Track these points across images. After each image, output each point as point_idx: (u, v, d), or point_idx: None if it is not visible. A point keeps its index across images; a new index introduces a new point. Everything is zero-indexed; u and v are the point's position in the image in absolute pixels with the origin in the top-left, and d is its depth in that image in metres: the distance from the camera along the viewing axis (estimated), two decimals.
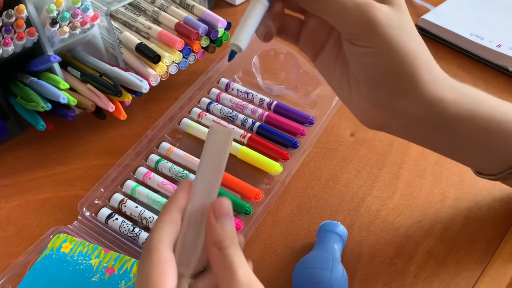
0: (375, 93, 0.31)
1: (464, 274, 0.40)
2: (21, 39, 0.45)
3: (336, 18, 0.29)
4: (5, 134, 0.50)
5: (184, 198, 0.29)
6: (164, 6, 0.55)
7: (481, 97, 0.33)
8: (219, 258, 0.27)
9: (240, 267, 0.26)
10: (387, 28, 0.29)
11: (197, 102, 0.53)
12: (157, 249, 0.27)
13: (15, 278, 0.39)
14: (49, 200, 0.47)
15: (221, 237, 0.27)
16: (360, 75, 0.31)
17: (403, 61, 0.29)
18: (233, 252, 0.27)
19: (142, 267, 0.27)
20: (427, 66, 0.30)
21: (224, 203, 0.28)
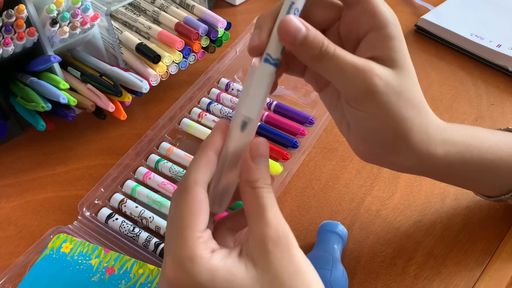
0: (369, 148, 0.32)
1: (464, 274, 0.40)
2: (21, 39, 0.45)
3: (336, 81, 0.29)
4: (5, 134, 0.50)
5: (220, 139, 0.29)
6: (164, 6, 0.55)
7: (474, 142, 0.34)
8: (251, 197, 0.27)
9: (270, 208, 0.27)
10: (384, 96, 0.29)
11: (197, 102, 0.53)
12: (192, 189, 0.27)
13: (15, 278, 0.39)
14: (49, 200, 0.47)
15: (256, 177, 0.28)
16: (356, 131, 0.32)
17: (397, 127, 0.30)
18: (265, 193, 0.27)
19: (176, 205, 0.28)
20: (420, 128, 0.31)
21: (262, 143, 0.28)
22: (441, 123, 0.33)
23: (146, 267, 0.38)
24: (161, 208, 0.43)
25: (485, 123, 0.52)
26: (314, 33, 0.28)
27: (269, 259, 0.26)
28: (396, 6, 0.69)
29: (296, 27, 0.28)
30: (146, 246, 0.41)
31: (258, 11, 0.68)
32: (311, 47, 0.28)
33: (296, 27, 0.28)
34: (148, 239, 0.41)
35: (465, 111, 0.54)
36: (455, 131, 0.33)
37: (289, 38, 0.28)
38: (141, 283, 0.38)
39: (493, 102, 0.55)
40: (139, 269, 0.38)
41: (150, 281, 0.38)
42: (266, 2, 0.70)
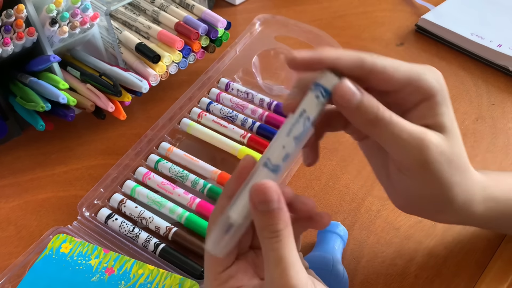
0: (411, 205, 0.33)
1: (465, 274, 0.39)
2: (21, 39, 0.45)
3: (390, 147, 0.29)
4: (5, 134, 0.50)
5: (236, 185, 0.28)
6: (164, 5, 0.55)
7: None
8: (266, 247, 0.26)
9: (291, 266, 0.26)
10: (438, 165, 0.29)
11: (197, 102, 0.53)
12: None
13: (14, 278, 0.39)
14: (49, 200, 0.47)
15: (263, 224, 0.27)
16: (400, 191, 0.32)
17: (446, 193, 0.30)
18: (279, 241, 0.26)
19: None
20: (466, 191, 0.31)
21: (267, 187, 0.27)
22: (482, 180, 0.33)
23: (145, 267, 0.38)
24: (160, 208, 0.43)
25: (485, 123, 0.52)
26: (369, 98, 0.27)
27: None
28: (396, 5, 0.69)
29: (351, 91, 0.27)
30: (145, 247, 0.40)
31: (258, 11, 0.68)
32: (367, 111, 0.27)
33: (351, 91, 0.27)
34: (147, 239, 0.41)
35: (465, 111, 0.54)
36: (495, 186, 0.34)
37: (343, 101, 0.27)
38: (141, 283, 0.37)
39: (493, 102, 0.54)
40: (138, 269, 0.38)
41: (149, 281, 0.37)
42: (266, 2, 0.70)
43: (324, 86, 0.27)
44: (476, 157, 0.48)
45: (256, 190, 0.26)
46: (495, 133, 0.51)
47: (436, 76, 0.30)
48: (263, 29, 0.57)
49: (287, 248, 0.26)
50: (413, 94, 0.29)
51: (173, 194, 0.44)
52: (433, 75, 0.30)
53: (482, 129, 0.51)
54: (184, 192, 0.44)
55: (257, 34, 0.57)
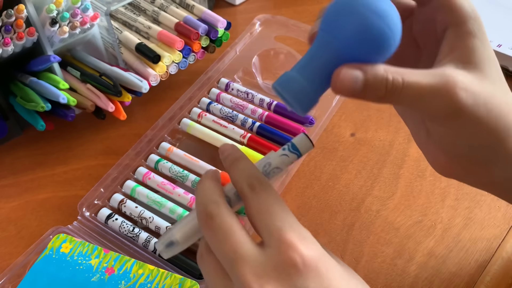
0: (455, 161, 0.29)
1: (465, 274, 0.40)
2: (21, 39, 0.45)
3: (416, 108, 0.26)
4: (5, 134, 0.50)
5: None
6: (164, 6, 0.55)
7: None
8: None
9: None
10: (475, 108, 0.25)
11: (197, 102, 0.53)
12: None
13: (14, 278, 0.39)
14: (49, 200, 0.47)
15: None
16: (441, 145, 0.29)
17: (491, 139, 0.27)
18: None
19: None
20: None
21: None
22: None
23: (146, 267, 0.38)
24: (160, 208, 0.43)
25: None
26: (373, 74, 0.24)
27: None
28: None
29: (351, 78, 0.24)
30: (146, 247, 0.40)
31: (258, 11, 0.68)
32: (375, 90, 0.24)
33: (351, 77, 0.24)
34: (148, 239, 0.41)
35: None
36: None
37: (347, 91, 0.24)
38: (141, 283, 0.37)
39: None
40: (139, 269, 0.38)
41: (149, 281, 0.38)
42: (266, 2, 0.70)
43: (293, 143, 0.29)
44: None
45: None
46: None
47: (471, 5, 0.26)
48: (263, 29, 0.57)
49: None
50: (442, 11, 0.26)
51: (173, 194, 0.44)
52: (467, 2, 0.26)
53: None
54: (184, 192, 0.44)
55: (257, 34, 0.57)
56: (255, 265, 0.25)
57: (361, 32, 0.24)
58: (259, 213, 0.26)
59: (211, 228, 0.26)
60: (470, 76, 0.26)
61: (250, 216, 0.26)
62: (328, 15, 0.25)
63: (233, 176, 0.28)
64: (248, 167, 0.28)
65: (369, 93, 0.25)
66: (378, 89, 0.25)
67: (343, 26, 0.24)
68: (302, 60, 0.26)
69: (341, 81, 0.24)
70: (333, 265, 0.26)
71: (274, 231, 0.25)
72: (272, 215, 0.26)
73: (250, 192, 0.26)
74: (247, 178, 0.27)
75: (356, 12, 0.24)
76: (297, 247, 0.25)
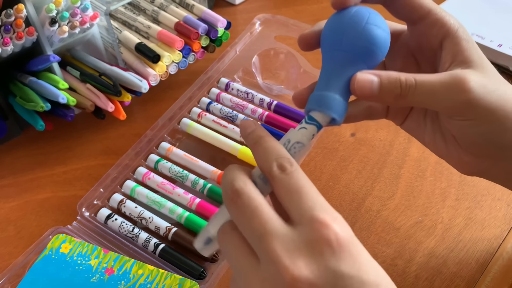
0: (479, 151, 0.31)
1: (465, 274, 0.39)
2: (20, 39, 0.44)
3: (431, 105, 0.29)
4: (4, 134, 0.50)
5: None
6: (164, 5, 0.55)
7: None
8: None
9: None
10: (485, 98, 0.28)
11: (197, 102, 0.53)
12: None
13: (14, 278, 0.39)
14: (48, 200, 0.47)
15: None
16: (463, 141, 0.31)
17: (504, 124, 0.29)
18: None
19: None
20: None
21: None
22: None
23: (145, 267, 0.38)
24: (160, 209, 0.43)
25: None
26: (387, 76, 0.28)
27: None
28: None
29: (367, 80, 0.28)
30: (145, 247, 0.40)
31: (258, 11, 0.68)
32: (391, 90, 0.28)
33: (367, 80, 0.28)
34: (147, 239, 0.40)
35: None
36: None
37: (365, 94, 0.28)
38: (141, 283, 0.37)
39: None
40: (138, 269, 0.38)
41: (149, 281, 0.37)
42: (266, 2, 0.70)
43: (310, 115, 0.30)
44: None
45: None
46: None
47: (453, 17, 0.31)
48: (263, 29, 0.57)
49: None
50: (436, 26, 0.30)
51: (173, 194, 0.44)
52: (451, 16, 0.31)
53: None
54: (184, 192, 0.43)
55: (257, 34, 0.57)
56: (285, 240, 0.24)
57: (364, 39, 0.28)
58: (290, 194, 0.25)
59: (238, 205, 0.25)
60: (476, 72, 0.29)
61: (279, 197, 0.26)
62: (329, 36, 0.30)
63: (259, 155, 0.27)
64: (275, 147, 0.27)
65: (386, 93, 0.28)
66: (394, 88, 0.28)
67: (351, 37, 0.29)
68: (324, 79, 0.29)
69: (359, 85, 0.28)
70: (363, 250, 0.26)
71: (306, 210, 0.25)
72: (303, 196, 0.25)
73: (280, 173, 0.26)
74: (276, 158, 0.26)
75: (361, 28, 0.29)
76: (331, 225, 0.24)
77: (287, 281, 0.23)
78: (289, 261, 0.23)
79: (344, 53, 0.29)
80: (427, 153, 0.48)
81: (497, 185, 0.45)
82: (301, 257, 0.23)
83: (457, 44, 0.30)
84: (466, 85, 0.28)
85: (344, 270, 0.23)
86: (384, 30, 0.29)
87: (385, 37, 0.29)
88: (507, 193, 0.45)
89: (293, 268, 0.23)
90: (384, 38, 0.29)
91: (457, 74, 0.28)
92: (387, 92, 0.28)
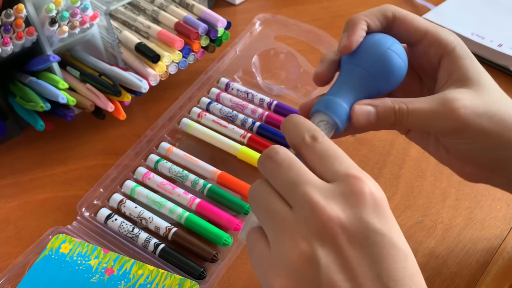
0: (478, 165, 0.33)
1: (465, 274, 0.39)
2: (20, 39, 0.44)
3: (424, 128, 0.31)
4: (4, 134, 0.50)
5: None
6: (164, 5, 0.55)
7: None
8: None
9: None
10: (475, 121, 0.30)
11: (196, 102, 0.53)
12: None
13: (14, 278, 0.39)
14: (48, 200, 0.47)
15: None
16: (459, 155, 0.33)
17: (497, 141, 0.31)
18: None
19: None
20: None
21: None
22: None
23: (145, 267, 0.38)
24: (160, 209, 0.43)
25: None
26: (382, 106, 0.30)
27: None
28: (397, 5, 0.68)
29: (365, 112, 0.30)
30: (145, 247, 0.40)
31: (258, 11, 0.68)
32: (387, 119, 0.30)
33: (365, 111, 0.30)
34: (147, 239, 0.40)
35: None
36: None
37: (363, 123, 0.30)
38: (141, 283, 0.37)
39: None
40: (138, 269, 0.38)
41: (149, 282, 0.37)
42: (266, 2, 0.70)
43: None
44: None
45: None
46: None
47: (453, 34, 0.32)
48: (263, 28, 0.57)
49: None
50: (433, 46, 0.32)
51: (173, 194, 0.44)
52: (450, 34, 0.32)
53: None
54: (184, 192, 0.43)
55: (257, 33, 0.57)
56: (321, 188, 0.25)
57: (386, 66, 0.31)
58: (323, 158, 0.26)
59: (275, 159, 0.26)
60: (469, 92, 0.30)
61: (312, 164, 0.26)
62: (361, 55, 0.31)
63: (289, 130, 0.28)
64: (305, 121, 0.28)
65: (382, 121, 0.30)
66: (389, 117, 0.30)
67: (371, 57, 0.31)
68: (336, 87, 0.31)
69: (357, 116, 0.29)
70: (394, 217, 0.26)
71: (341, 170, 0.25)
72: (338, 159, 0.26)
73: (312, 142, 0.27)
74: (308, 130, 0.27)
75: (383, 51, 0.31)
76: (366, 181, 0.25)
77: (321, 219, 0.23)
78: (324, 202, 0.24)
79: (362, 69, 0.31)
80: (427, 153, 0.48)
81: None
82: (336, 203, 0.24)
83: (452, 62, 0.31)
84: (455, 112, 0.29)
85: (376, 226, 0.24)
86: (402, 60, 0.31)
87: (402, 66, 0.31)
88: (507, 193, 0.44)
89: (328, 209, 0.24)
90: (400, 66, 0.31)
91: (446, 100, 0.30)
92: (383, 121, 0.30)
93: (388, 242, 0.24)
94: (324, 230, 0.23)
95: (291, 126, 0.28)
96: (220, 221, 0.41)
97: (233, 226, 0.41)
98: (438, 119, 0.30)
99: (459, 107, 0.29)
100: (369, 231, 0.24)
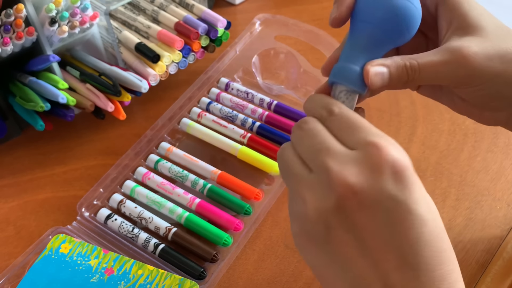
0: (494, 108, 0.33)
1: (465, 274, 0.39)
2: (20, 39, 0.44)
3: (437, 81, 0.31)
4: (4, 134, 0.50)
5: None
6: (164, 5, 0.55)
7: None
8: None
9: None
10: (488, 65, 0.29)
11: (196, 102, 0.53)
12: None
13: (14, 278, 0.39)
14: (48, 200, 0.47)
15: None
16: (476, 101, 0.33)
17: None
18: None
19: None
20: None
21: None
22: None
23: (145, 268, 0.38)
24: (160, 209, 0.43)
25: None
26: (395, 65, 0.29)
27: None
28: None
29: (379, 73, 0.29)
30: (145, 247, 0.40)
31: (258, 10, 0.68)
32: (400, 78, 0.29)
33: (379, 72, 0.29)
34: (147, 239, 0.40)
35: None
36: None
37: (378, 84, 0.29)
38: (140, 284, 0.37)
39: None
40: (138, 270, 0.38)
41: (149, 282, 0.37)
42: (266, 2, 0.70)
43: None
44: (477, 156, 0.48)
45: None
46: (496, 133, 0.50)
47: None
48: (263, 28, 0.57)
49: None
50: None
51: (173, 194, 0.44)
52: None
53: (483, 129, 0.51)
54: (184, 192, 0.43)
55: (257, 33, 0.57)
56: (340, 156, 0.25)
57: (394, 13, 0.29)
58: (342, 130, 0.27)
59: (303, 128, 0.28)
60: (474, 38, 0.29)
61: (335, 135, 0.27)
62: (362, 8, 0.30)
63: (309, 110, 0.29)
64: (320, 97, 0.29)
65: (395, 81, 0.29)
66: (402, 75, 0.29)
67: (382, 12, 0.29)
68: (348, 51, 0.30)
69: (372, 80, 0.29)
70: (418, 182, 0.26)
71: (361, 139, 0.26)
72: (356, 129, 0.26)
73: (328, 116, 0.27)
74: (322, 106, 0.28)
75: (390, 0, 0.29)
76: (386, 148, 0.25)
77: (334, 183, 0.24)
78: (339, 167, 0.25)
79: (372, 26, 0.29)
80: (427, 153, 0.48)
81: (497, 185, 0.45)
82: (351, 169, 0.25)
83: (448, 10, 0.30)
84: (466, 59, 0.29)
85: (391, 192, 0.24)
86: (415, 6, 0.29)
87: (415, 12, 0.29)
88: (507, 193, 0.44)
89: (343, 175, 0.24)
90: (413, 12, 0.29)
91: (454, 49, 0.29)
92: (396, 81, 0.29)
93: (402, 208, 0.24)
94: (336, 192, 0.24)
95: (309, 106, 0.29)
96: (220, 221, 0.41)
97: (233, 226, 0.41)
98: (450, 70, 0.29)
99: (469, 54, 0.29)
100: (383, 196, 0.24)
